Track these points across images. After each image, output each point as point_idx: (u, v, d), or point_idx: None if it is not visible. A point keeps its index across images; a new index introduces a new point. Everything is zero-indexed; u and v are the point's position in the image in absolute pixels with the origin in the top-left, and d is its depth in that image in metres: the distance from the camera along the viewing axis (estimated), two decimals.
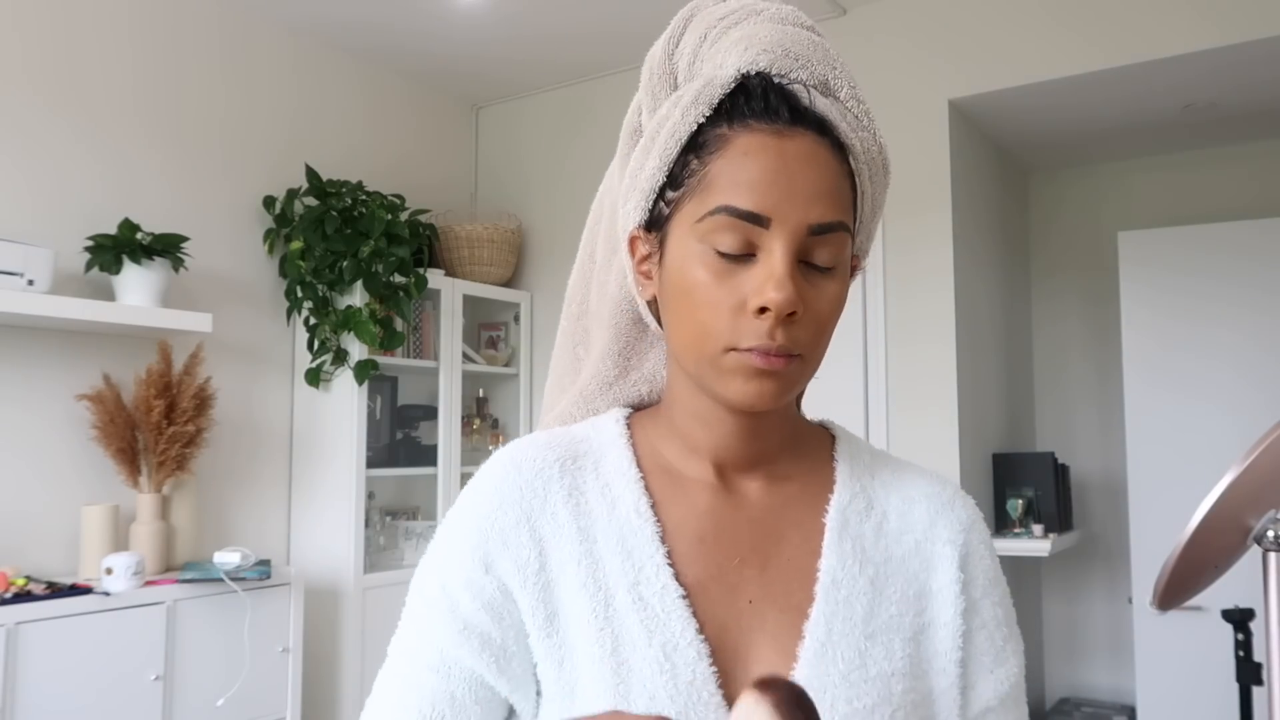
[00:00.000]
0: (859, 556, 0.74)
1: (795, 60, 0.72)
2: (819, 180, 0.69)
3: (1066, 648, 3.99)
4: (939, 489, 0.81)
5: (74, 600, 2.46)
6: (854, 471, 0.79)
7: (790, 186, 0.68)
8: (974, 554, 0.78)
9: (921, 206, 3.22)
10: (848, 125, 0.72)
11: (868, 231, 0.77)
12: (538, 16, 3.46)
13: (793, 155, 0.68)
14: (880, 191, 0.76)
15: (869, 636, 0.71)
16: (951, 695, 0.73)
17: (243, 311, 3.33)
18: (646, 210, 0.74)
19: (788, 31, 0.74)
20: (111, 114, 3.02)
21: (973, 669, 0.75)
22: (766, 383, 0.69)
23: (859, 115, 0.73)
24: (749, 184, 0.68)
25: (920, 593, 0.75)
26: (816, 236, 0.68)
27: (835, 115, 0.71)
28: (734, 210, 0.68)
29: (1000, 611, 0.78)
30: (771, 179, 0.68)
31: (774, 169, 0.68)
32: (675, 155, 0.72)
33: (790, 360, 0.69)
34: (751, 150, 0.68)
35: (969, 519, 0.80)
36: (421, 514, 3.74)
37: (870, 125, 0.74)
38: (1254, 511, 1.32)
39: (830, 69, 0.73)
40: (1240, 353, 3.32)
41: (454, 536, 0.75)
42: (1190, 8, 2.86)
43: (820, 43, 0.75)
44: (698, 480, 0.76)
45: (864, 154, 0.72)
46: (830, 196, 0.69)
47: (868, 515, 0.77)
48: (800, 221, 0.67)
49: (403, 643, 0.74)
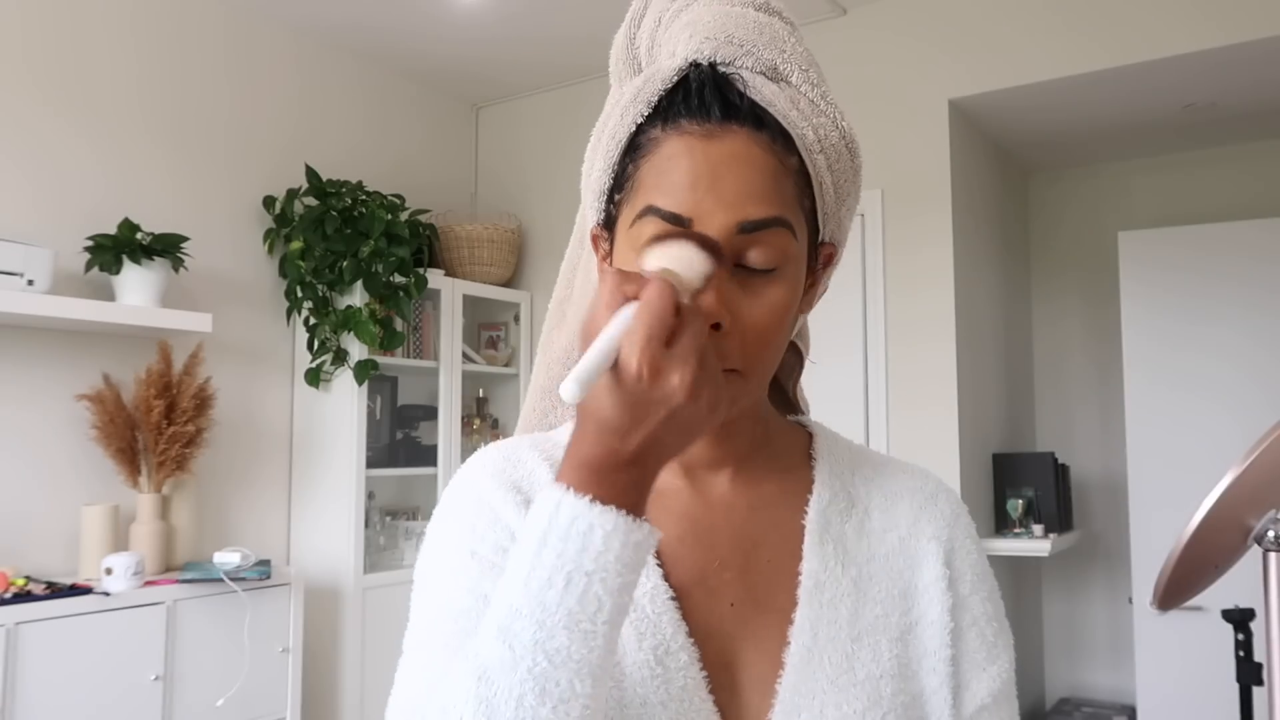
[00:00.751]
0: (840, 558, 0.73)
1: (739, 47, 0.69)
2: (748, 179, 0.65)
3: (1066, 648, 3.99)
4: (921, 483, 0.79)
5: (74, 600, 2.46)
6: (833, 470, 0.78)
7: (713, 187, 0.65)
8: (959, 549, 0.76)
9: (921, 206, 3.22)
10: (799, 112, 0.68)
11: (837, 219, 0.73)
12: (538, 17, 3.46)
13: (718, 157, 0.65)
14: (846, 177, 0.71)
15: (855, 639, 0.70)
16: (942, 695, 0.71)
17: (243, 311, 3.33)
18: (601, 210, 0.73)
19: (733, 14, 0.71)
20: (112, 114, 3.02)
21: (965, 667, 0.73)
22: None
23: (814, 100, 0.70)
24: (671, 185, 0.66)
25: (905, 591, 0.73)
26: (748, 235, 0.65)
27: (782, 103, 0.68)
28: (656, 210, 0.66)
29: (990, 607, 0.76)
30: (692, 181, 0.65)
31: (697, 170, 0.65)
32: (617, 159, 0.70)
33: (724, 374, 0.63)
34: (676, 154, 0.66)
35: (953, 513, 0.78)
36: (421, 514, 3.74)
37: (828, 109, 0.70)
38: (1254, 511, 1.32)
39: (779, 53, 0.70)
40: (1240, 353, 3.32)
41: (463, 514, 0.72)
42: (1191, 7, 2.86)
43: (769, 23, 0.72)
44: (671, 485, 0.75)
45: (820, 142, 0.69)
46: (762, 193, 0.65)
47: (849, 514, 0.75)
48: (727, 221, 0.64)
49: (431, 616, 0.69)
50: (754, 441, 0.77)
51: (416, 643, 0.69)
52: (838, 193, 0.71)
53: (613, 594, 0.57)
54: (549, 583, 0.57)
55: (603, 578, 0.57)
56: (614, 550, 0.57)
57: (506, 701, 0.55)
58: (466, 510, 0.73)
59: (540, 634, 0.56)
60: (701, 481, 0.76)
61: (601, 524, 0.57)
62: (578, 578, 0.57)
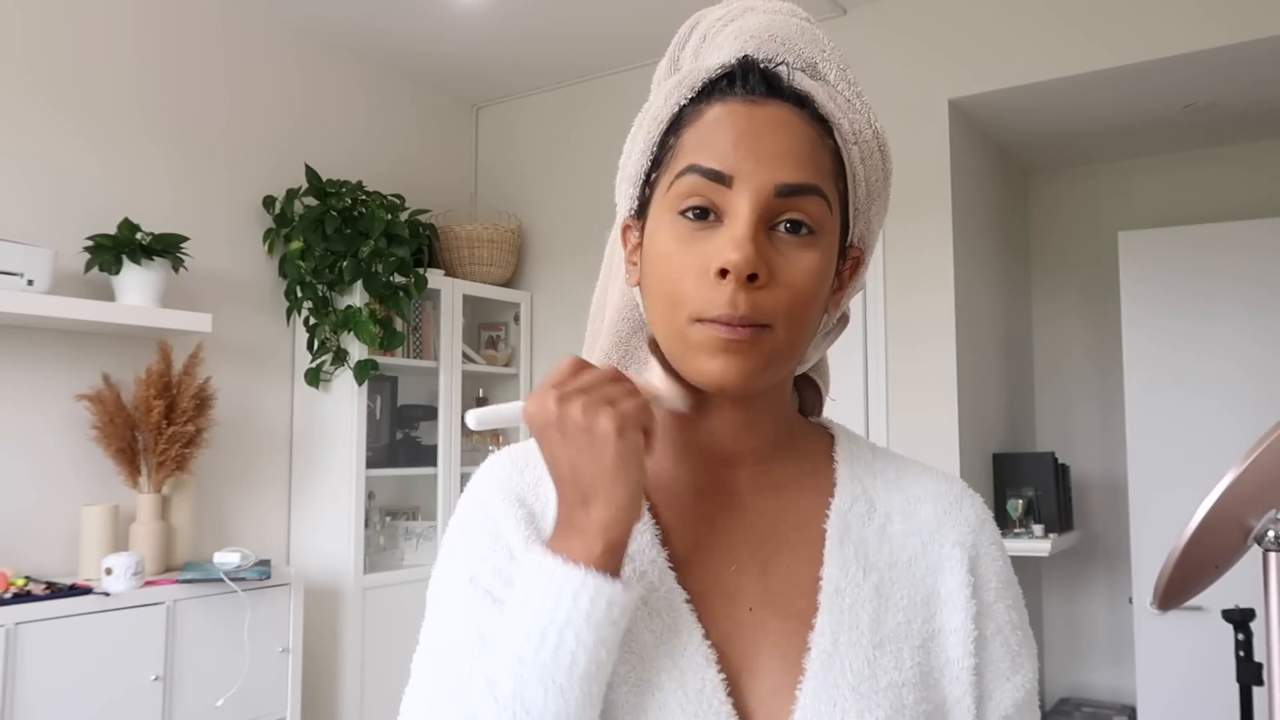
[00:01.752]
0: (862, 563, 0.72)
1: (781, 45, 0.72)
2: (789, 143, 0.67)
3: (1066, 648, 3.99)
4: (945, 487, 0.78)
5: (74, 600, 2.46)
6: (854, 473, 0.77)
7: (755, 147, 0.67)
8: (984, 555, 0.75)
9: (921, 206, 3.22)
10: (835, 106, 0.71)
11: (866, 220, 0.73)
12: (538, 17, 3.46)
13: (762, 120, 0.68)
14: (877, 177, 0.73)
15: (877, 645, 0.69)
16: (965, 704, 0.70)
17: (243, 311, 3.33)
18: (635, 197, 0.74)
19: (777, 20, 0.74)
20: (112, 114, 3.02)
21: (989, 677, 0.71)
22: (734, 358, 0.66)
23: (849, 98, 0.72)
24: (714, 145, 0.67)
25: (928, 598, 0.72)
26: (785, 199, 0.66)
27: (821, 95, 0.70)
28: (697, 168, 0.67)
29: (1015, 615, 0.74)
30: (735, 140, 0.67)
31: (740, 131, 0.67)
32: (657, 138, 0.72)
33: (757, 331, 0.66)
34: (721, 116, 0.68)
35: (978, 519, 0.77)
36: (421, 514, 3.74)
37: (863, 109, 0.72)
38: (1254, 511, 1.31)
39: (818, 52, 0.73)
40: (1241, 352, 3.32)
41: (469, 533, 0.74)
42: (1191, 7, 2.86)
43: (809, 29, 0.75)
44: (691, 487, 0.75)
45: (854, 134, 0.71)
46: (801, 159, 0.67)
47: (870, 518, 0.74)
48: (765, 181, 0.66)
49: (434, 646, 0.71)
50: (776, 439, 0.76)
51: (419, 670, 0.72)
52: (869, 190, 0.72)
53: (586, 649, 0.61)
54: (526, 638, 0.62)
55: (575, 633, 0.61)
56: (583, 607, 0.61)
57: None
58: (471, 529, 0.74)
59: (518, 685, 0.61)
60: (725, 484, 0.75)
61: (569, 581, 0.61)
62: (551, 633, 0.61)
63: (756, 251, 0.65)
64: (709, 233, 0.67)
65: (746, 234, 0.65)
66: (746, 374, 0.67)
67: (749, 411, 0.74)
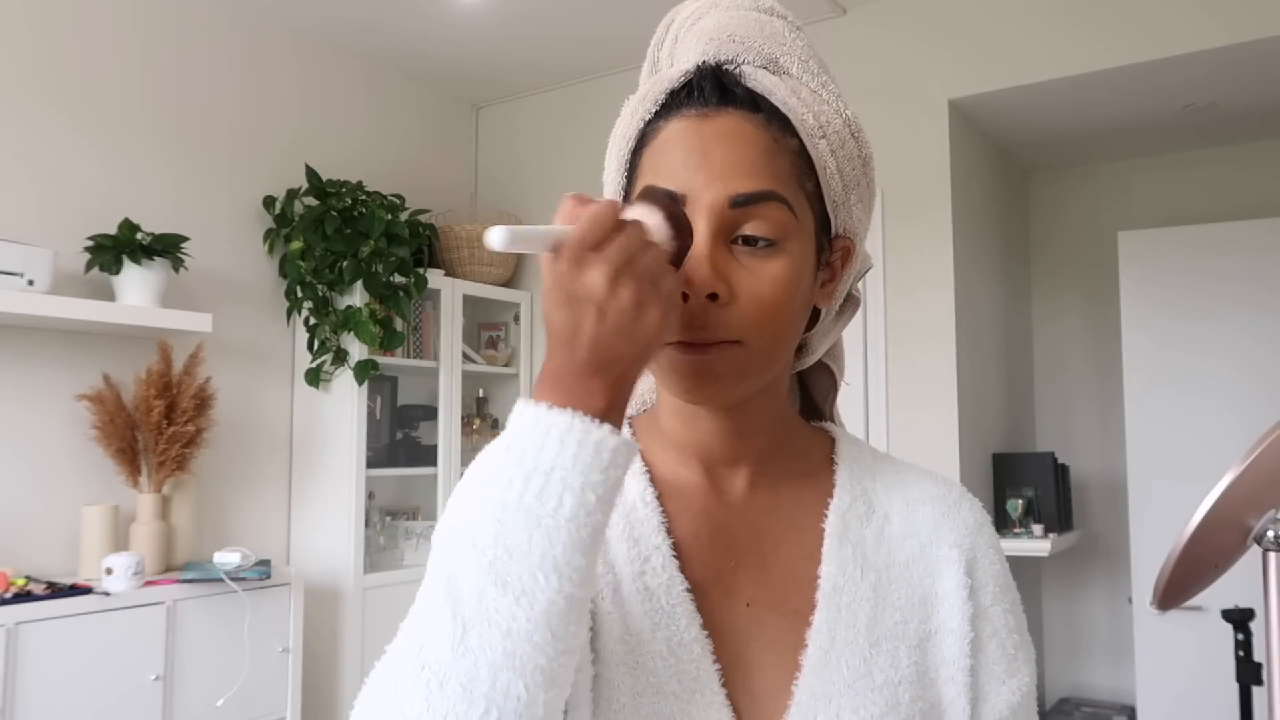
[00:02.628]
0: (860, 562, 0.73)
1: (740, 44, 0.71)
2: (740, 153, 0.67)
3: (1066, 648, 3.99)
4: (944, 491, 0.78)
5: (74, 600, 2.46)
6: (854, 474, 0.78)
7: (704, 162, 0.67)
8: (982, 558, 0.75)
9: (921, 206, 3.22)
10: (798, 100, 0.70)
11: (848, 210, 0.73)
12: (537, 17, 3.46)
13: (711, 134, 0.68)
14: (852, 165, 0.72)
15: (873, 644, 0.70)
16: (960, 705, 0.71)
17: (243, 311, 3.33)
18: None
19: (736, 17, 0.74)
20: (112, 114, 3.02)
21: (984, 679, 0.72)
22: (706, 377, 0.67)
23: (815, 89, 0.71)
24: (666, 166, 0.68)
25: (925, 598, 0.73)
26: (741, 209, 0.66)
27: (782, 92, 0.70)
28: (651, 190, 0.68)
29: (1012, 619, 0.75)
30: (685, 158, 0.67)
31: (690, 148, 0.67)
32: (627, 155, 0.73)
33: (723, 347, 0.66)
34: (672, 135, 0.69)
35: (976, 522, 0.77)
36: (421, 514, 3.74)
37: (829, 98, 0.72)
38: (1254, 511, 1.31)
39: (778, 47, 0.72)
40: (1240, 352, 3.32)
41: None
42: (1191, 8, 2.86)
43: (770, 22, 0.74)
44: (691, 483, 0.76)
45: (822, 126, 0.70)
46: (753, 167, 0.67)
47: (869, 519, 0.75)
48: (718, 196, 0.66)
49: None
50: (774, 441, 0.77)
51: None
52: (844, 179, 0.72)
53: (574, 491, 0.58)
54: (509, 484, 0.58)
55: (561, 475, 0.58)
56: (570, 448, 0.58)
57: (469, 594, 0.57)
58: None
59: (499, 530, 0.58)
60: (721, 480, 0.76)
61: (556, 424, 0.58)
62: (536, 476, 0.58)
63: (714, 270, 0.65)
64: None
65: (703, 253, 0.65)
66: (718, 388, 0.68)
67: (740, 418, 0.74)
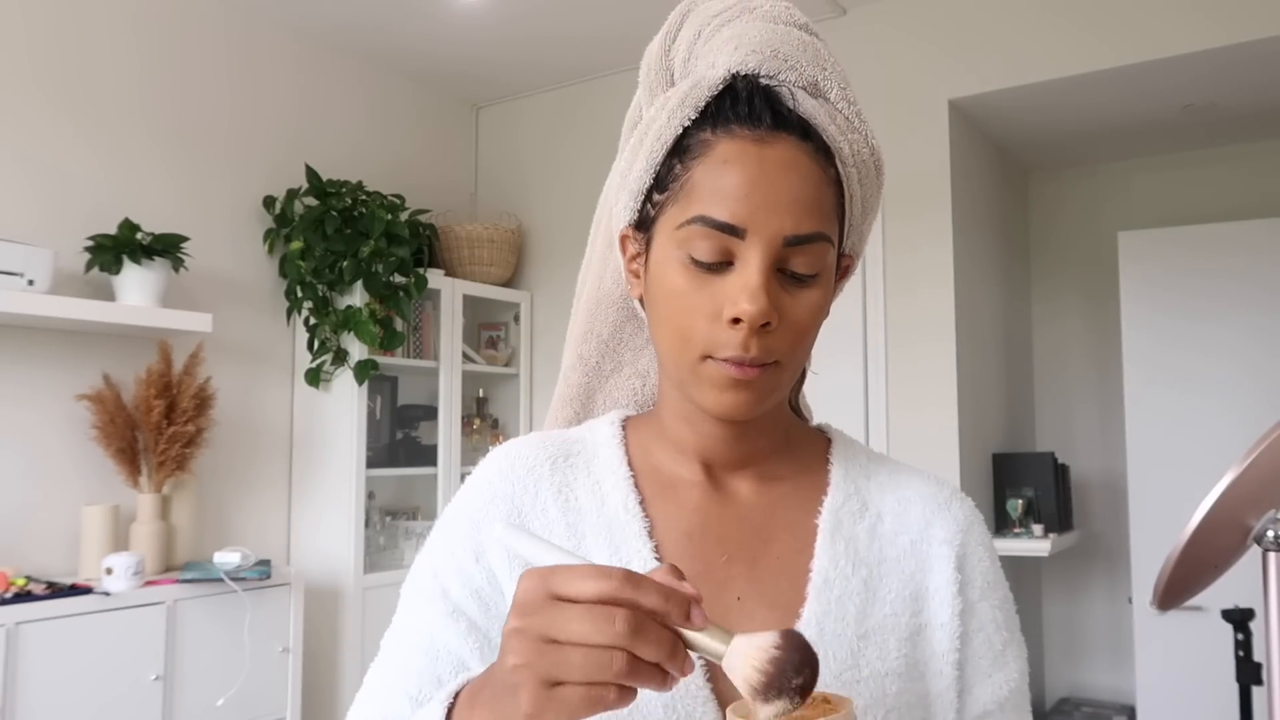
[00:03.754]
0: (852, 557, 0.74)
1: (784, 61, 0.71)
2: (798, 189, 0.68)
3: (1066, 648, 3.99)
4: (936, 489, 0.80)
5: (74, 600, 2.46)
6: (848, 473, 0.79)
7: (768, 196, 0.67)
8: (971, 555, 0.77)
9: (921, 206, 3.22)
10: (836, 128, 0.71)
11: (859, 233, 0.76)
12: (537, 17, 3.46)
13: (772, 163, 0.68)
14: (872, 193, 0.75)
15: (862, 637, 0.71)
16: (948, 698, 0.72)
17: (243, 311, 3.33)
18: (635, 210, 0.74)
19: (778, 31, 0.73)
20: (112, 114, 3.02)
21: (970, 672, 0.74)
22: (742, 393, 0.69)
23: (849, 117, 0.72)
24: (726, 193, 0.67)
25: (916, 594, 0.74)
26: (794, 247, 0.68)
27: (823, 118, 0.70)
28: (710, 221, 0.67)
29: (1000, 615, 0.77)
30: (748, 189, 0.67)
31: (752, 178, 0.67)
32: (661, 159, 0.72)
33: (765, 369, 0.69)
34: (731, 158, 0.68)
35: (966, 520, 0.79)
36: (421, 514, 3.74)
37: (861, 127, 0.73)
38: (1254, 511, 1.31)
39: (820, 69, 0.72)
40: (1240, 352, 3.32)
41: (448, 528, 0.77)
42: (1191, 8, 2.86)
43: (811, 42, 0.74)
44: (688, 479, 0.77)
45: (853, 157, 0.71)
46: (809, 206, 0.68)
47: (861, 516, 0.76)
48: (777, 232, 0.67)
49: (394, 631, 0.76)
50: (774, 444, 0.79)
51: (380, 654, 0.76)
52: (864, 207, 0.74)
53: None
54: None
55: None
56: None
57: None
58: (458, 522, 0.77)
59: None
60: (720, 479, 0.77)
61: None
62: None
63: (769, 301, 0.67)
64: (719, 275, 0.68)
65: (760, 284, 0.66)
66: (753, 405, 0.70)
67: (749, 422, 0.75)
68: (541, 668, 0.51)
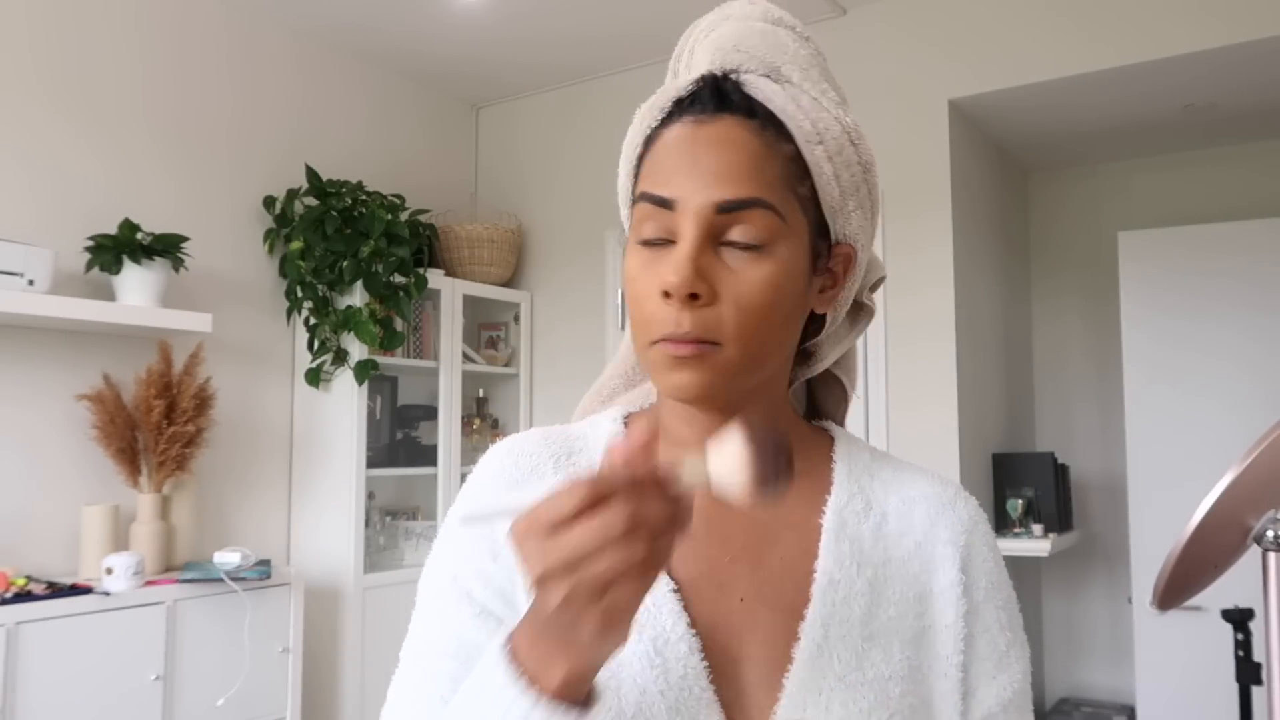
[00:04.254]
0: (856, 558, 0.73)
1: (744, 54, 0.73)
2: (730, 158, 0.68)
3: (1066, 648, 3.99)
4: (940, 489, 0.79)
5: (74, 600, 2.46)
6: (852, 472, 0.78)
7: (698, 167, 0.68)
8: (976, 555, 0.76)
9: (921, 206, 3.22)
10: (797, 106, 0.71)
11: (845, 216, 0.73)
12: (538, 17, 3.46)
13: (704, 139, 0.69)
14: (850, 172, 0.73)
15: (867, 639, 0.70)
16: (952, 700, 0.72)
17: (243, 311, 3.33)
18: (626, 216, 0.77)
19: (743, 27, 0.75)
20: (113, 114, 3.02)
21: (974, 674, 0.73)
22: (685, 372, 0.68)
23: (815, 96, 0.73)
24: (661, 171, 0.70)
25: (920, 595, 0.74)
26: (728, 214, 0.67)
27: (781, 99, 0.71)
28: (646, 196, 0.70)
29: (1004, 615, 0.76)
30: (677, 163, 0.69)
31: (683, 153, 0.69)
32: (635, 162, 0.74)
33: (705, 347, 0.67)
34: (669, 141, 0.70)
35: (971, 520, 0.78)
36: (421, 514, 3.74)
37: (831, 107, 0.73)
38: (1254, 511, 1.31)
39: (780, 55, 0.73)
40: (1240, 352, 3.32)
41: (457, 531, 0.76)
42: (1191, 7, 2.86)
43: (774, 32, 0.75)
44: None
45: (819, 132, 0.71)
46: (742, 173, 0.68)
47: (866, 516, 0.76)
48: (705, 201, 0.67)
49: (416, 639, 0.74)
50: None
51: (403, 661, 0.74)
52: (841, 185, 0.72)
53: None
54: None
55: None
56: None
57: None
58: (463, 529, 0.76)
59: None
60: None
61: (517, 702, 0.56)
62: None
63: (695, 271, 0.66)
64: (664, 255, 0.69)
65: (686, 255, 0.66)
66: (699, 387, 0.68)
67: (741, 415, 0.74)
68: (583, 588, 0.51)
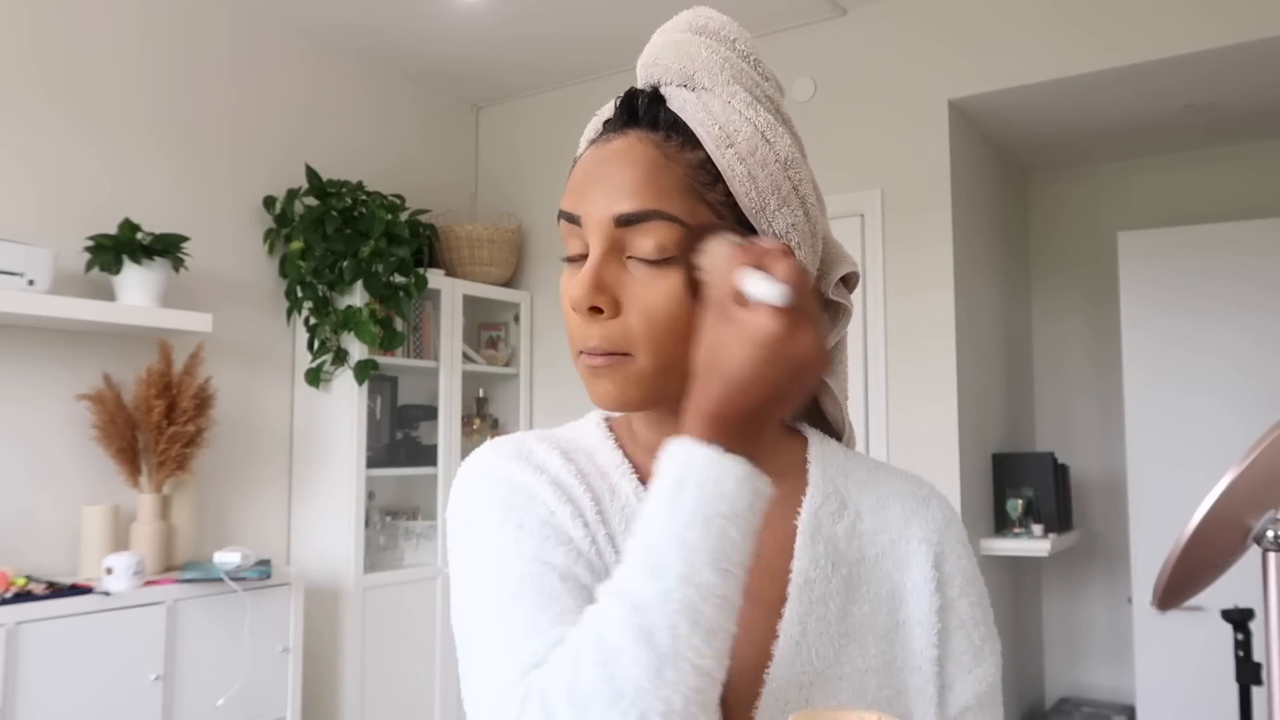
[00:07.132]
0: (831, 557, 0.75)
1: (660, 67, 0.75)
2: (625, 172, 0.70)
3: (1066, 648, 3.99)
4: (914, 488, 0.81)
5: (74, 600, 2.46)
6: (827, 473, 0.79)
7: (594, 184, 0.71)
8: (949, 552, 0.78)
9: (921, 206, 3.22)
10: (706, 112, 0.71)
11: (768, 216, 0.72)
12: (538, 17, 3.46)
13: (606, 155, 0.72)
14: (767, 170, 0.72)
15: (844, 635, 0.72)
16: (927, 693, 0.74)
17: (243, 311, 3.33)
18: None
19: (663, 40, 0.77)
20: (113, 114, 3.02)
21: (951, 669, 0.75)
22: (602, 382, 0.71)
23: (726, 99, 0.73)
24: (574, 189, 0.73)
25: (894, 591, 0.76)
26: (627, 227, 0.69)
27: (693, 106, 0.72)
28: (561, 213, 0.73)
29: (978, 611, 0.78)
30: (584, 181, 0.72)
31: (586, 171, 0.72)
32: None
33: (616, 358, 0.70)
34: (584, 161, 0.74)
35: (944, 518, 0.80)
36: (421, 514, 3.74)
37: (742, 108, 0.72)
38: (1254, 511, 1.31)
39: (693, 63, 0.74)
40: (1240, 352, 3.32)
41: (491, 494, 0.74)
42: (1191, 7, 2.86)
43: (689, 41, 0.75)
44: None
45: (729, 135, 0.70)
46: (639, 186, 0.69)
47: (840, 516, 0.77)
48: (603, 215, 0.70)
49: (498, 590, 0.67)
50: None
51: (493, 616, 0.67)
52: (758, 185, 0.72)
53: (746, 537, 0.61)
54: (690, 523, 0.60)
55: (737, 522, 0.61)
56: (745, 497, 0.61)
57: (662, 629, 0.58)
58: (495, 492, 0.74)
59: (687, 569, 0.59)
60: None
61: (734, 472, 0.61)
62: (715, 520, 0.60)
63: (595, 285, 0.69)
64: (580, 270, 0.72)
65: (587, 270, 0.69)
66: (615, 396, 0.71)
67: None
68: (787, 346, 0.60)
